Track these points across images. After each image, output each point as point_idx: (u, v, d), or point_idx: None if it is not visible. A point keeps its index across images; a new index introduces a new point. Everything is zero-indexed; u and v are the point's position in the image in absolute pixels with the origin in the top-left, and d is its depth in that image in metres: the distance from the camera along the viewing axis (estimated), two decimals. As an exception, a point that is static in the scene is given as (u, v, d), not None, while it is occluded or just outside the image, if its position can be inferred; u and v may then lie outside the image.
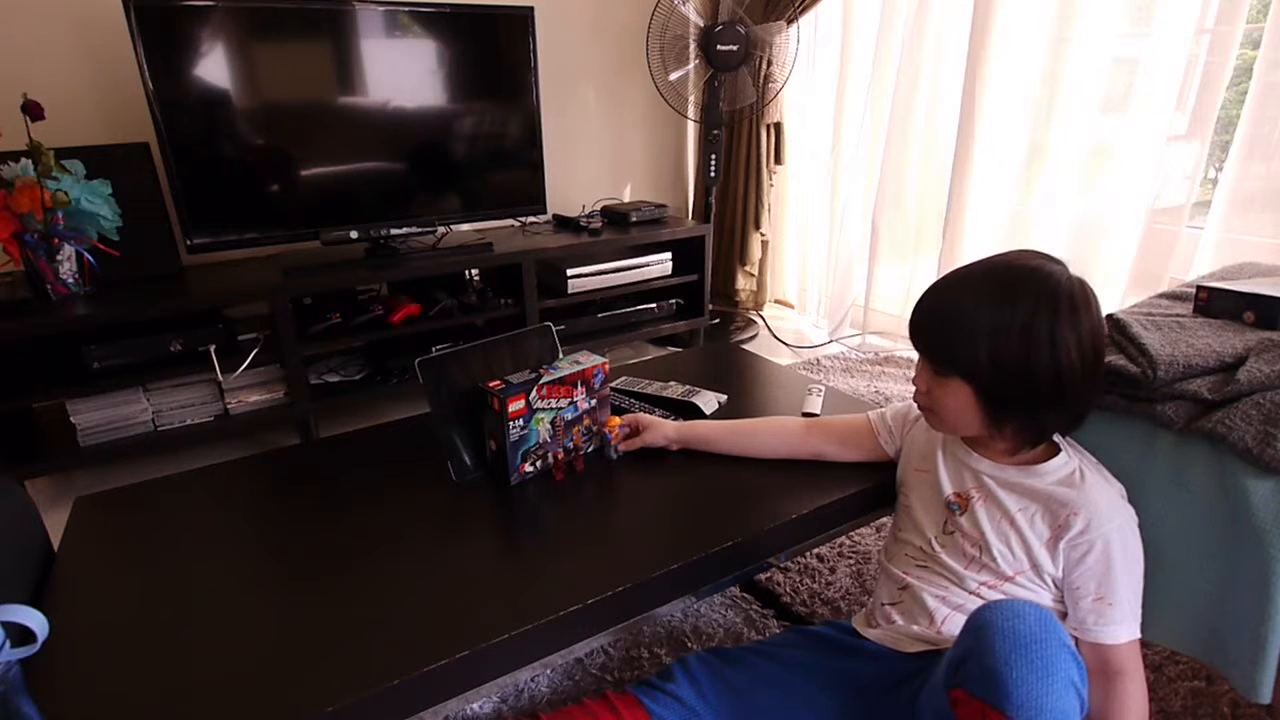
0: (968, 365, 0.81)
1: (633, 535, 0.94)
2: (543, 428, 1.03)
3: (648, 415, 1.14)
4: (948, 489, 0.92)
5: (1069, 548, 0.82)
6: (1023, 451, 0.88)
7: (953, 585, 0.89)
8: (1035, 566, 0.84)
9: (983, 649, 0.67)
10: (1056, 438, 0.89)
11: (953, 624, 0.86)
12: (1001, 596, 0.84)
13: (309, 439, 1.96)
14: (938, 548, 0.91)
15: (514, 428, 1.00)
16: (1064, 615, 0.85)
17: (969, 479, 0.91)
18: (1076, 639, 0.83)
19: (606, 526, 0.96)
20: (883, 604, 0.94)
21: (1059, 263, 0.83)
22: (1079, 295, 0.80)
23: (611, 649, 1.19)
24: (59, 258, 1.68)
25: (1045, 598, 0.85)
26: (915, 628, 0.89)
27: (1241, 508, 0.87)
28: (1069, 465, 0.86)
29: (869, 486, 1.03)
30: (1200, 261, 1.79)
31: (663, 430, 1.11)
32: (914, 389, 0.90)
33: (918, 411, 1.01)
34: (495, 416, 1.00)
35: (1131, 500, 1.00)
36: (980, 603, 0.82)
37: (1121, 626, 0.81)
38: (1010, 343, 0.79)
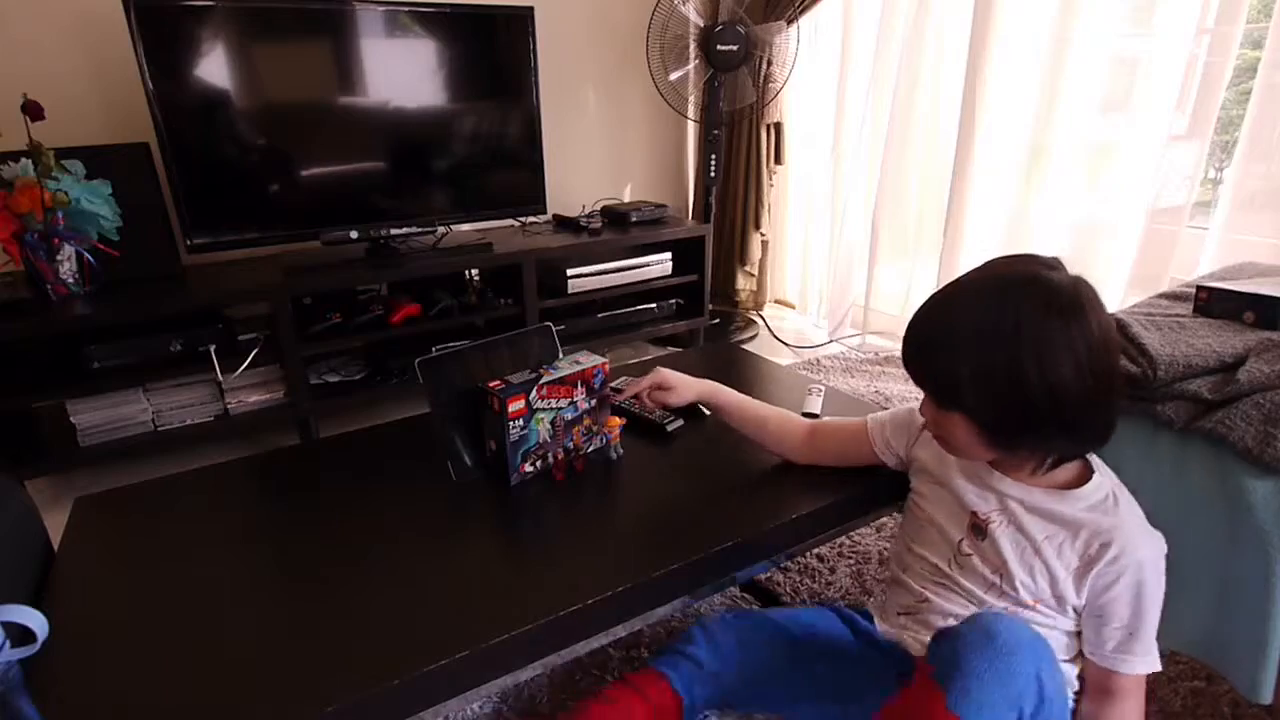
0: (961, 402, 0.76)
1: (633, 535, 0.94)
2: (543, 428, 1.03)
3: (673, 374, 1.11)
4: (968, 508, 0.87)
5: (1098, 575, 0.78)
6: (1047, 472, 0.81)
7: (972, 607, 0.86)
8: (1058, 597, 0.80)
9: (959, 636, 0.71)
10: (1090, 456, 0.84)
11: None
12: None
13: (309, 439, 1.96)
14: (955, 569, 0.87)
15: (514, 428, 1.00)
16: (1078, 634, 0.83)
17: (992, 500, 0.85)
18: (1089, 659, 0.82)
19: (606, 526, 0.96)
20: (897, 612, 0.93)
21: (1054, 267, 0.75)
22: (1071, 308, 0.71)
23: (611, 649, 1.19)
24: (59, 258, 1.68)
25: (1065, 624, 0.82)
26: (929, 638, 0.87)
27: (1241, 508, 0.87)
28: (1103, 489, 0.80)
29: (868, 487, 1.03)
30: (1205, 261, 1.79)
31: (686, 394, 1.10)
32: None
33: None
34: (495, 416, 1.00)
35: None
36: None
37: (1140, 660, 0.78)
38: (998, 377, 0.73)
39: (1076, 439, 0.77)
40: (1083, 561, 0.78)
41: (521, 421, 1.00)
